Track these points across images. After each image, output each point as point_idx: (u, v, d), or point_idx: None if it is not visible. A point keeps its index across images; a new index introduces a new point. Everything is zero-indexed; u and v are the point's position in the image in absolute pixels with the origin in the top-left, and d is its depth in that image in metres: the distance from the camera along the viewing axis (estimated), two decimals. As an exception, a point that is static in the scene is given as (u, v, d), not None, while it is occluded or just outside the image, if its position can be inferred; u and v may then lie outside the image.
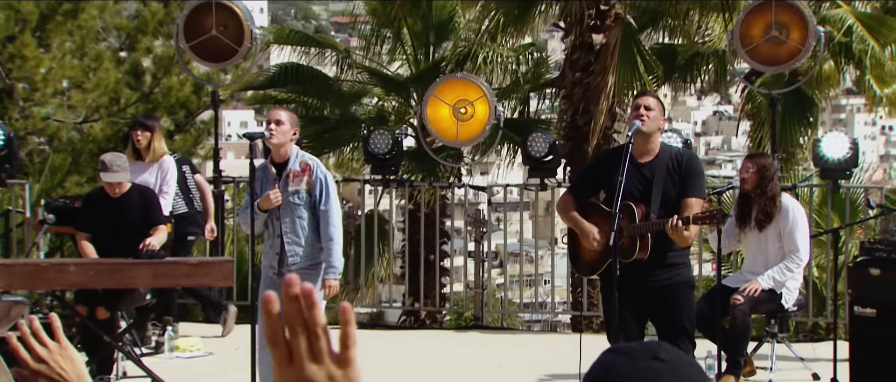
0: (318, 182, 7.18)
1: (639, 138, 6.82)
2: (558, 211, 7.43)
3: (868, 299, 8.06)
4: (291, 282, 1.56)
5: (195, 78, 16.92)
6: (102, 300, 8.64)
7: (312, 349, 1.56)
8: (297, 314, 1.56)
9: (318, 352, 1.57)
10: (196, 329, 10.94)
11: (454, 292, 16.54)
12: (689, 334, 6.92)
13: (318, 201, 7.17)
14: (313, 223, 7.18)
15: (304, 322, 1.56)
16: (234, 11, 11.43)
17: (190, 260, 9.80)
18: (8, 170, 11.15)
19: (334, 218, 7.24)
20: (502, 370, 9.49)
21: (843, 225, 11.02)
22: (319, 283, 7.20)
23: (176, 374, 8.86)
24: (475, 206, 12.69)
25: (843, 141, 10.59)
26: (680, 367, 1.78)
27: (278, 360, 1.59)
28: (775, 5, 10.75)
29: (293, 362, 1.58)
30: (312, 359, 1.57)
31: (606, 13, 14.32)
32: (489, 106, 11.64)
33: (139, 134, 10.06)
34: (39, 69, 19.02)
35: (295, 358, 1.58)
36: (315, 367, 1.56)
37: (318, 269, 7.23)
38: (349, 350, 1.58)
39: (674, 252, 6.83)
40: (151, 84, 19.96)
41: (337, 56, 17.34)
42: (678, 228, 6.50)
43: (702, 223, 6.82)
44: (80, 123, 19.57)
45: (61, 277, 8.31)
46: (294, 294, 1.56)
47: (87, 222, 9.08)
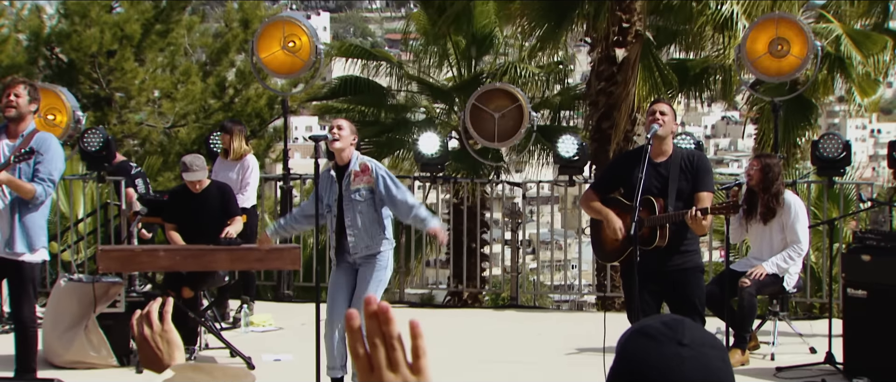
0: (379, 177, 7.17)
1: (655, 141, 6.82)
2: (581, 204, 7.45)
3: (860, 282, 8.02)
4: (370, 301, 1.58)
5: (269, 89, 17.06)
6: (187, 282, 8.71)
7: (390, 359, 1.59)
8: (376, 328, 1.58)
9: (395, 362, 1.59)
10: (268, 307, 10.98)
11: (492, 275, 16.53)
12: (699, 312, 6.92)
13: (388, 189, 7.09)
14: (372, 217, 7.14)
15: (383, 336, 1.58)
16: (301, 29, 11.50)
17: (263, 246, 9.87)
18: (107, 169, 11.26)
19: (407, 194, 7.24)
20: (536, 342, 9.50)
21: (838, 217, 10.94)
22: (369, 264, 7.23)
23: (251, 346, 8.91)
24: (511, 200, 12.68)
25: (837, 143, 10.55)
26: (701, 348, 1.75)
27: (360, 369, 1.61)
28: (778, 22, 10.73)
29: (373, 371, 1.60)
30: (390, 368, 1.59)
31: (628, 30, 14.28)
32: (525, 112, 11.64)
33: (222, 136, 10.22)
34: (135, 81, 19.13)
35: (375, 368, 1.59)
36: (392, 375, 1.59)
37: (375, 258, 7.17)
38: (420, 360, 1.60)
39: (686, 241, 6.83)
40: (232, 95, 20.06)
41: (390, 68, 17.39)
42: (697, 218, 6.50)
43: (718, 213, 6.83)
44: (168, 128, 19.71)
45: (152, 261, 8.35)
46: (373, 311, 1.58)
47: (172, 214, 9.17)
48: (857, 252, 8.15)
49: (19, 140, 7.08)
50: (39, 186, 7.00)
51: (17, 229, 7.07)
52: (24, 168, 6.97)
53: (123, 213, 11.16)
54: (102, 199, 11.99)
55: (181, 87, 19.58)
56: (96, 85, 19.13)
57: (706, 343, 1.76)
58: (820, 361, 8.33)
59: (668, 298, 6.98)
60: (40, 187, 7.01)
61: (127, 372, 8.27)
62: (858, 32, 14.90)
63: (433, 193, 13.69)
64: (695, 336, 1.75)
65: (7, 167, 6.87)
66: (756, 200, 8.71)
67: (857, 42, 14.60)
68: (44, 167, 6.99)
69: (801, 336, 9.00)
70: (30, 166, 6.97)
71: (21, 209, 7.07)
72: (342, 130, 7.16)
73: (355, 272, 7.22)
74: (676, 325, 1.76)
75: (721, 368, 1.75)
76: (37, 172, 6.98)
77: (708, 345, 1.76)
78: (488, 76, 16.57)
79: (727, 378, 1.75)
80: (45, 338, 8.22)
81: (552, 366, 8.61)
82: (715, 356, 1.75)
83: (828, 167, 10.55)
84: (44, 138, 7.13)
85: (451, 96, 17.34)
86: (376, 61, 17.63)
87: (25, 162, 6.90)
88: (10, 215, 7.04)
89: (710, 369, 1.73)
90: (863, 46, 14.58)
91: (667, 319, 1.80)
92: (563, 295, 14.62)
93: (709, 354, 1.74)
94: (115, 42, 18.80)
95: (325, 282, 8.56)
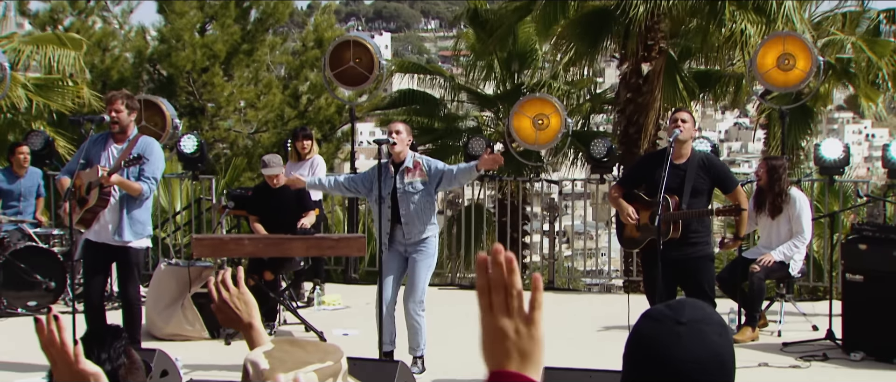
0: (430, 166, 7.09)
1: (676, 144, 6.79)
2: (609, 198, 7.46)
3: (857, 268, 7.96)
4: (498, 250, 1.54)
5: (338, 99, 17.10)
6: (268, 266, 8.77)
7: (507, 305, 1.54)
8: (501, 276, 1.54)
9: (512, 309, 1.54)
10: (337, 289, 11.03)
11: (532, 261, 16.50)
12: (708, 295, 6.90)
13: (440, 169, 7.06)
14: (423, 207, 7.09)
15: (505, 284, 1.54)
16: (366, 47, 11.55)
17: (333, 236, 9.92)
18: (200, 169, 11.41)
19: (452, 166, 7.16)
20: (570, 320, 9.47)
21: (838, 211, 10.83)
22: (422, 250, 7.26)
23: (322, 322, 8.95)
24: (549, 195, 12.64)
25: (837, 146, 10.46)
26: (698, 326, 1.76)
27: (481, 307, 1.56)
28: (785, 40, 10.62)
29: (492, 312, 1.55)
30: (506, 314, 1.54)
31: (653, 47, 14.19)
32: (561, 119, 11.59)
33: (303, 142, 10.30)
34: (224, 93, 19.27)
35: (494, 309, 1.55)
36: (507, 320, 1.53)
37: (424, 244, 7.15)
38: (535, 311, 1.55)
39: (697, 233, 6.83)
40: (306, 105, 20.17)
41: (443, 81, 17.41)
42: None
43: (723, 215, 6.80)
44: (252, 133, 19.85)
45: (238, 248, 8.41)
46: (500, 260, 1.53)
47: (255, 208, 9.23)
48: (855, 242, 8.08)
49: (125, 144, 7.19)
50: (145, 184, 7.12)
51: (124, 220, 7.18)
52: (131, 169, 7.08)
53: (214, 207, 11.28)
54: (196, 194, 12.10)
55: (263, 98, 19.72)
56: (191, 97, 19.33)
57: (702, 320, 1.76)
58: (821, 337, 8.28)
59: (681, 283, 6.97)
60: (146, 186, 7.13)
61: (217, 344, 8.36)
62: (866, 38, 14.70)
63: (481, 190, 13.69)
64: (693, 315, 1.77)
65: (118, 170, 6.99)
66: (764, 197, 8.68)
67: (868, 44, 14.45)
68: (148, 168, 7.10)
69: (804, 315, 8.92)
70: (136, 168, 7.09)
71: (128, 203, 7.18)
72: (400, 134, 7.17)
73: (404, 258, 7.21)
74: (677, 307, 1.80)
75: (716, 341, 1.75)
76: (142, 172, 7.10)
77: (704, 322, 1.76)
78: (528, 88, 16.52)
79: (722, 348, 1.75)
80: (147, 314, 8.34)
81: (583, 341, 8.58)
82: (711, 330, 1.75)
83: (829, 167, 10.46)
84: (147, 142, 7.23)
85: (496, 104, 17.31)
86: (430, 75, 17.67)
87: (134, 166, 7.03)
88: (118, 208, 7.16)
89: (706, 342, 1.73)
90: (873, 48, 14.42)
91: (672, 303, 1.83)
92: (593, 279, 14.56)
93: (704, 330, 1.75)
94: (206, 60, 19.00)
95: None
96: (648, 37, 14.02)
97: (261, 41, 19.88)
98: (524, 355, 1.52)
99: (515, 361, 1.52)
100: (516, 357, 1.52)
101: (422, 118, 17.03)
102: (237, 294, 2.48)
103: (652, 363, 1.73)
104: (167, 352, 6.70)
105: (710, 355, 1.72)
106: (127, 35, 20.49)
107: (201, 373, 7.04)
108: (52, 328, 2.04)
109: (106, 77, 18.32)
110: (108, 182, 6.99)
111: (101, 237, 7.22)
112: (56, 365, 2.06)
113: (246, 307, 2.48)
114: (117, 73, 18.85)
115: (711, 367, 1.71)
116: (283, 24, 20.94)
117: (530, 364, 1.52)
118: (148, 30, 20.72)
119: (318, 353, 2.15)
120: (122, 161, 7.01)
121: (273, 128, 19.48)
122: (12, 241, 9.71)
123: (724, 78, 15.75)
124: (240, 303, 2.48)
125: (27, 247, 9.62)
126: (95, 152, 7.20)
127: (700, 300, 1.90)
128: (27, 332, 2.22)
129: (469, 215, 12.70)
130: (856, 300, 7.97)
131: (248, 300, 2.49)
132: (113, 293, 9.23)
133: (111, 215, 7.17)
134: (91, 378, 2.05)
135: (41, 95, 13.96)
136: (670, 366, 1.71)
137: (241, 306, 2.48)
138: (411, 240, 7.13)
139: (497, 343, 1.53)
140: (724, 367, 1.74)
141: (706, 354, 1.72)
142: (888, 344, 7.72)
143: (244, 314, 2.47)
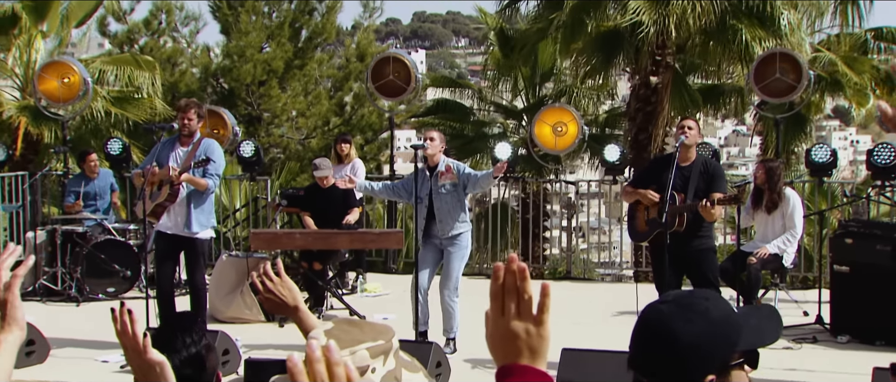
0: (460, 171, 7.16)
1: (682, 149, 6.76)
2: (622, 195, 7.45)
3: (844, 260, 7.91)
4: (513, 259, 1.54)
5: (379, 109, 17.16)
6: (317, 257, 8.81)
7: (519, 309, 1.54)
8: (513, 282, 1.54)
9: (523, 313, 1.54)
10: (378, 278, 11.04)
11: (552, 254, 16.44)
12: (713, 283, 6.85)
13: (468, 174, 7.11)
14: (454, 205, 7.11)
15: (517, 290, 1.54)
16: (404, 62, 11.58)
17: (374, 231, 9.96)
18: (257, 170, 11.48)
19: (479, 173, 7.21)
20: (585, 306, 9.45)
21: (827, 208, 10.76)
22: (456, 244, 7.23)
23: (365, 307, 8.98)
24: (566, 195, 12.60)
25: (826, 151, 10.35)
26: (682, 301, 1.78)
27: (493, 311, 1.56)
28: (779, 56, 10.54)
29: (504, 315, 1.54)
30: (517, 317, 1.53)
31: (660, 62, 14.08)
32: (578, 126, 11.56)
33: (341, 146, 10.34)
34: (278, 103, 19.37)
35: (505, 313, 1.54)
36: (519, 323, 1.53)
37: (458, 239, 7.16)
38: (544, 314, 1.54)
39: (700, 227, 6.78)
40: (350, 113, 20.23)
41: (472, 93, 17.42)
42: (707, 207, 6.47)
43: (724, 204, 6.76)
44: (303, 139, 19.93)
45: (291, 241, 8.48)
46: (513, 268, 1.54)
47: (306, 205, 9.29)
48: (842, 236, 8.03)
49: (191, 147, 7.27)
50: (210, 180, 7.22)
51: (192, 214, 7.26)
52: (197, 169, 7.17)
53: (269, 205, 11.34)
54: (253, 193, 12.18)
55: (312, 107, 19.79)
56: (249, 107, 19.44)
57: (683, 298, 1.79)
58: (812, 322, 8.23)
59: (687, 273, 6.93)
60: (211, 181, 7.23)
61: (272, 326, 8.41)
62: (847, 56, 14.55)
63: (506, 190, 13.67)
64: (678, 297, 1.80)
65: (187, 170, 7.09)
66: (761, 195, 8.61)
67: (849, 63, 14.30)
68: (212, 167, 7.19)
69: (796, 302, 8.85)
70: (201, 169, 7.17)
71: (194, 199, 7.27)
72: (433, 140, 7.19)
73: (440, 250, 7.22)
74: (682, 293, 1.83)
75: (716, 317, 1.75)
76: (206, 170, 7.18)
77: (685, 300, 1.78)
78: (549, 98, 16.48)
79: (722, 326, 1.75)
80: (210, 299, 8.40)
81: (596, 325, 8.56)
82: (700, 304, 1.76)
83: (819, 170, 10.35)
84: (209, 144, 7.31)
85: (520, 114, 17.28)
86: (461, 88, 17.73)
87: (201, 167, 7.12)
88: (186, 203, 7.25)
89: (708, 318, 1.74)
90: (853, 66, 14.28)
91: (671, 293, 1.86)
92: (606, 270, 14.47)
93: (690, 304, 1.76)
94: (264, 74, 19.13)
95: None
96: (656, 53, 13.92)
97: (311, 57, 19.98)
98: (534, 351, 1.53)
99: (526, 356, 1.53)
100: (527, 353, 1.53)
101: (453, 124, 17.05)
102: (280, 283, 2.49)
103: (655, 339, 1.75)
104: (228, 334, 6.77)
105: (710, 331, 1.72)
106: (194, 53, 20.66)
107: (258, 352, 7.09)
108: (125, 320, 2.06)
109: (175, 90, 18.47)
110: (178, 180, 7.08)
111: (171, 229, 7.30)
112: (127, 352, 2.08)
113: (289, 293, 2.49)
114: (185, 85, 19.01)
115: (713, 341, 1.72)
116: (330, 42, 21.01)
117: (539, 358, 1.54)
118: (212, 48, 20.90)
119: (372, 333, 2.17)
120: (190, 162, 7.11)
121: (321, 134, 19.55)
122: (93, 235, 9.84)
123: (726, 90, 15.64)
124: (284, 290, 2.48)
125: (106, 240, 9.74)
126: (165, 153, 7.30)
127: (706, 290, 1.91)
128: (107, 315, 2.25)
129: (495, 212, 12.71)
130: (842, 289, 7.92)
131: (290, 287, 2.49)
132: (181, 280, 9.32)
133: (179, 209, 7.25)
134: (157, 367, 2.06)
135: (119, 106, 14.13)
136: (670, 340, 1.72)
137: (285, 292, 2.48)
138: (446, 235, 7.16)
139: (509, 342, 1.53)
140: (729, 340, 1.75)
141: (708, 329, 1.72)
142: (871, 328, 7.68)
143: (289, 300, 2.48)
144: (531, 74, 16.79)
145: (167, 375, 2.07)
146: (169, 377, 2.07)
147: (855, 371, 6.46)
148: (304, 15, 19.84)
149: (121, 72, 14.23)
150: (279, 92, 19.35)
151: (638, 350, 1.78)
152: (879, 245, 7.70)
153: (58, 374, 6.64)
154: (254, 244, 8.17)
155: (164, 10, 19.80)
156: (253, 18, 19.38)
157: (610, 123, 17.17)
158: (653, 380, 1.75)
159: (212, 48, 20.90)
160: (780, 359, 7.21)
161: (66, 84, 10.83)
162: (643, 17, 12.67)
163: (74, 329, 8.02)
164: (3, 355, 1.76)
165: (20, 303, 1.82)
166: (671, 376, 1.72)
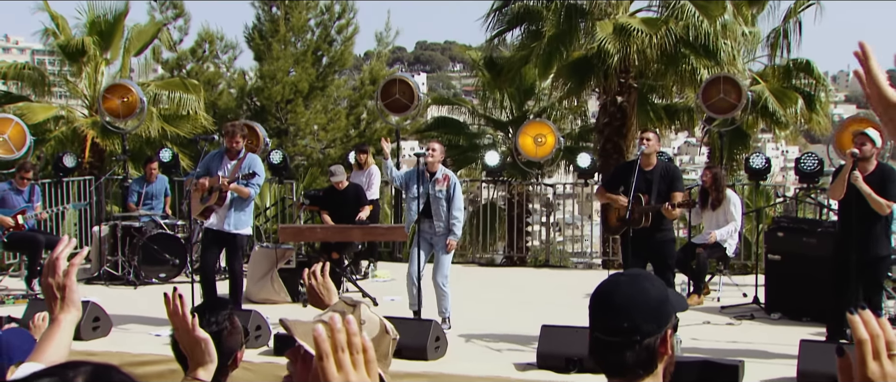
0: (453, 185, 7.17)
1: (643, 157, 6.78)
2: (596, 196, 7.45)
3: (776, 250, 7.94)
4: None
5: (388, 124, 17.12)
6: (335, 248, 8.84)
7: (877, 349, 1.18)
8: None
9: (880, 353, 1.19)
10: (387, 266, 11.02)
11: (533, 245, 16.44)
12: (671, 269, 6.89)
13: (453, 195, 7.16)
14: (447, 208, 7.21)
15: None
16: (409, 84, 11.60)
17: (383, 226, 9.96)
18: (284, 175, 11.50)
19: (459, 204, 7.15)
20: (560, 290, 9.46)
21: (762, 207, 10.79)
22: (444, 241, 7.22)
23: (376, 290, 9.00)
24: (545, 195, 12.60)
25: (762, 159, 10.41)
26: (634, 278, 1.68)
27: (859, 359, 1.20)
28: (723, 79, 10.59)
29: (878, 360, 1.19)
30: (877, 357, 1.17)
31: (625, 84, 14.10)
32: (556, 138, 11.59)
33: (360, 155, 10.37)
34: (302, 119, 19.41)
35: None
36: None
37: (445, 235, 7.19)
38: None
39: (662, 222, 6.80)
40: (364, 127, 20.24)
41: (466, 110, 17.39)
42: (668, 209, 6.51)
43: (682, 207, 6.78)
44: (323, 149, 19.93)
45: (313, 234, 8.51)
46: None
47: (325, 204, 9.31)
48: (775, 231, 8.07)
49: (236, 160, 7.32)
50: (252, 189, 7.27)
51: (234, 216, 7.33)
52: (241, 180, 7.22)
53: (294, 204, 11.36)
54: (281, 194, 12.20)
55: (332, 123, 19.82)
56: (278, 121, 19.46)
57: (642, 276, 1.69)
58: (750, 302, 8.27)
59: (651, 261, 6.94)
60: (253, 191, 7.29)
61: (297, 306, 8.42)
62: (778, 90, 14.52)
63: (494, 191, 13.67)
64: (632, 273, 1.72)
65: (234, 180, 7.15)
66: (708, 195, 8.67)
67: (777, 96, 14.30)
68: (256, 179, 7.24)
69: (737, 285, 8.88)
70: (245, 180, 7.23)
71: (237, 203, 7.33)
72: (434, 151, 7.20)
73: (430, 244, 7.25)
74: (627, 270, 1.78)
75: (647, 288, 1.65)
76: (250, 182, 7.23)
77: (643, 278, 1.68)
78: (531, 114, 16.47)
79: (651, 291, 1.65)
80: (246, 284, 8.42)
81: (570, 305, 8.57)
82: (645, 282, 1.66)
83: (755, 175, 10.40)
84: (254, 159, 7.38)
85: (507, 127, 17.26)
86: (457, 105, 17.72)
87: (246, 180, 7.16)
88: (230, 206, 7.29)
89: (637, 287, 1.64)
90: (781, 99, 14.28)
91: (623, 271, 1.78)
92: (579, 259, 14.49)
93: (639, 281, 1.67)
94: (290, 94, 19.14)
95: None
96: (621, 77, 13.93)
97: (331, 80, 20.01)
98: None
99: None
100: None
101: (451, 137, 17.03)
102: (322, 283, 2.56)
103: (599, 305, 1.67)
104: (260, 312, 6.79)
105: (641, 297, 1.64)
106: (231, 76, 20.67)
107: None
108: (176, 302, 2.07)
109: (215, 107, 18.50)
110: (227, 188, 7.14)
111: (216, 226, 7.34)
112: (177, 330, 2.10)
113: (328, 292, 2.55)
114: (224, 103, 19.05)
115: (643, 307, 1.63)
116: (347, 67, 21.05)
117: None
118: (247, 72, 20.92)
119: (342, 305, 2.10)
120: (237, 174, 7.18)
121: (339, 145, 19.57)
122: (148, 229, 9.85)
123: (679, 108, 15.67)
124: (324, 289, 2.55)
125: (158, 234, 9.74)
126: (214, 165, 7.35)
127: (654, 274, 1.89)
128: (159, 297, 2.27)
129: (485, 210, 12.73)
130: (775, 274, 7.95)
131: (329, 287, 2.56)
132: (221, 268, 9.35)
133: (225, 211, 7.29)
134: (202, 343, 2.08)
135: (169, 123, 14.22)
136: (611, 305, 1.64)
137: (324, 292, 2.55)
138: (437, 232, 7.18)
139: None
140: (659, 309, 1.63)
141: (639, 296, 1.63)
142: (799, 307, 7.72)
143: (326, 298, 2.54)
144: (516, 93, 16.78)
145: (210, 350, 2.08)
146: (212, 351, 2.09)
147: (786, 343, 6.49)
148: (325, 44, 19.87)
149: (172, 93, 14.33)
150: (304, 109, 19.37)
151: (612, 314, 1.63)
152: (805, 238, 7.74)
153: (119, 345, 6.67)
154: (282, 236, 8.19)
155: (207, 41, 19.87)
156: (282, 47, 19.39)
157: (582, 136, 17.16)
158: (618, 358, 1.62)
159: (246, 72, 20.91)
160: (724, 333, 7.24)
161: (125, 103, 10.84)
162: (609, 47, 12.69)
163: (132, 308, 8.03)
164: (62, 332, 1.77)
165: (77, 287, 1.82)
166: (647, 327, 1.60)
